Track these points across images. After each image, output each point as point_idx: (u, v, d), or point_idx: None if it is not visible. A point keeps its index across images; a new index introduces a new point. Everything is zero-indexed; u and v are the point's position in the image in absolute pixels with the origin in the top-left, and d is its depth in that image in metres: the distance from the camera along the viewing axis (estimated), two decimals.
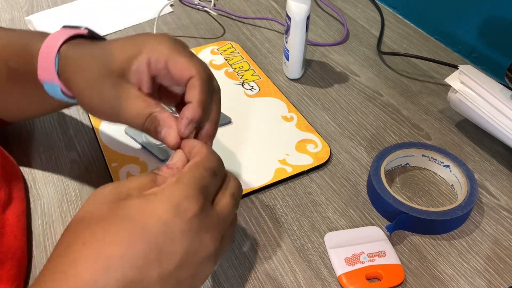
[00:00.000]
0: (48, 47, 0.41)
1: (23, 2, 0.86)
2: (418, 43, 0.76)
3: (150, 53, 0.38)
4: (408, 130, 0.61)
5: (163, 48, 0.38)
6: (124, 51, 0.39)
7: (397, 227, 0.48)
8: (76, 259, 0.30)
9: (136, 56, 0.38)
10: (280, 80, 0.69)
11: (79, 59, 0.40)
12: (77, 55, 0.41)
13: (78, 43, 0.42)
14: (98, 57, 0.40)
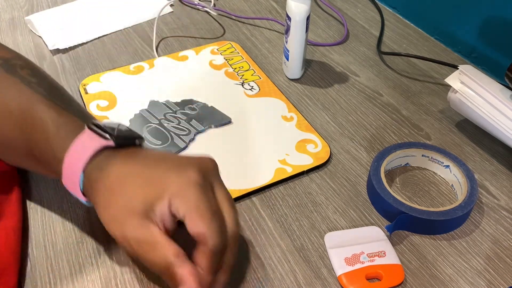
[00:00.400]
0: (73, 164, 0.40)
1: (23, 2, 0.86)
2: (418, 43, 0.76)
3: (171, 198, 0.37)
4: (408, 130, 0.61)
5: (185, 199, 0.37)
6: (147, 191, 0.38)
7: (397, 227, 0.48)
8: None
9: (159, 200, 0.38)
10: (280, 80, 0.69)
11: (102, 192, 0.39)
12: (100, 185, 0.39)
13: (103, 160, 0.40)
14: (121, 194, 0.39)
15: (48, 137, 0.41)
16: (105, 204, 0.39)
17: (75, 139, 0.40)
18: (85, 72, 0.70)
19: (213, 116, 0.61)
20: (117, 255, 0.47)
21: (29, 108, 0.43)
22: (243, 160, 0.56)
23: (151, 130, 0.59)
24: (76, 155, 0.40)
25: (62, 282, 0.45)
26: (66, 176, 0.41)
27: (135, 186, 0.38)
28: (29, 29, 0.79)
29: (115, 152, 0.41)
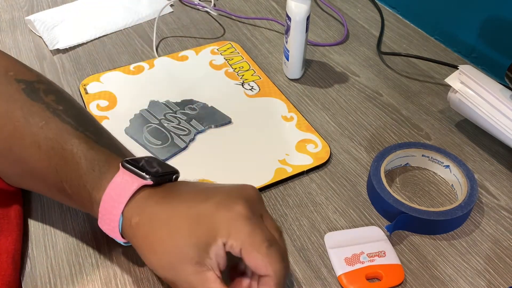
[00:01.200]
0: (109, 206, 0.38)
1: (23, 2, 0.86)
2: (418, 43, 0.76)
3: (225, 238, 0.36)
4: (408, 130, 0.61)
5: (239, 233, 0.36)
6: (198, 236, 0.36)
7: (397, 227, 0.48)
8: None
9: (212, 243, 0.36)
10: (280, 80, 0.69)
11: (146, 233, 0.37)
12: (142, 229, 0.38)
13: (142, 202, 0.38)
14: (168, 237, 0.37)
15: (81, 174, 0.39)
16: (151, 249, 0.37)
17: (112, 180, 0.39)
18: (85, 72, 0.70)
19: (213, 116, 0.61)
20: (117, 255, 0.47)
21: (58, 139, 0.41)
22: (243, 160, 0.56)
23: (151, 130, 0.59)
24: (113, 198, 0.38)
25: (62, 282, 0.45)
26: (102, 219, 0.39)
27: (183, 230, 0.36)
28: (29, 29, 0.79)
29: (153, 191, 0.39)
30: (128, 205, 0.38)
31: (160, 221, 0.37)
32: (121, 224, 0.38)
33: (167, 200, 0.38)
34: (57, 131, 0.41)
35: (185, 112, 0.62)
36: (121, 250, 0.47)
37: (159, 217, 0.37)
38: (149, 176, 0.39)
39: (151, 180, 0.39)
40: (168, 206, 0.38)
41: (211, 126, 0.60)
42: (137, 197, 0.38)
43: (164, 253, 0.37)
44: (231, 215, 0.36)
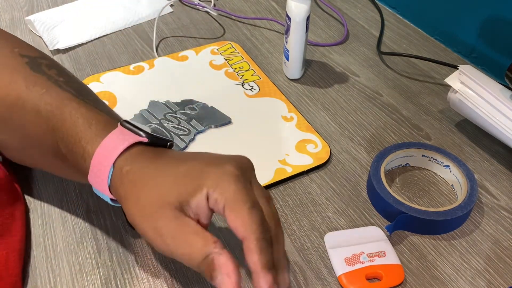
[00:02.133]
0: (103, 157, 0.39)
1: (23, 2, 0.86)
2: (418, 43, 0.76)
3: (210, 190, 0.36)
4: (408, 130, 0.61)
5: (225, 187, 0.36)
6: (183, 184, 0.36)
7: (397, 227, 0.48)
8: None
9: (196, 193, 0.36)
10: (280, 80, 0.69)
11: (133, 183, 0.38)
12: (131, 176, 0.38)
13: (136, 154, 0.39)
14: (154, 186, 0.37)
15: (78, 132, 0.40)
16: (135, 196, 0.37)
17: (108, 134, 0.39)
18: (85, 72, 0.70)
19: (213, 116, 0.61)
20: (117, 255, 0.47)
21: (58, 105, 0.42)
22: None
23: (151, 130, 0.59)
24: (108, 149, 0.39)
25: (62, 282, 0.45)
26: (93, 171, 0.39)
27: (170, 179, 0.37)
28: (29, 29, 0.79)
29: (148, 148, 0.40)
30: (121, 156, 0.38)
31: (149, 173, 0.38)
32: (110, 176, 0.39)
33: (159, 158, 0.39)
34: (57, 97, 0.42)
35: (185, 112, 0.62)
36: (121, 250, 0.47)
37: (149, 169, 0.38)
38: (145, 134, 0.40)
39: (147, 137, 0.40)
40: (159, 162, 0.39)
41: (211, 126, 0.60)
42: (131, 151, 0.39)
43: (147, 200, 0.37)
44: (220, 171, 0.36)
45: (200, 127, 0.60)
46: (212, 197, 0.36)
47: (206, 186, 0.36)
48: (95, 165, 0.39)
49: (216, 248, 0.35)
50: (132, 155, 0.39)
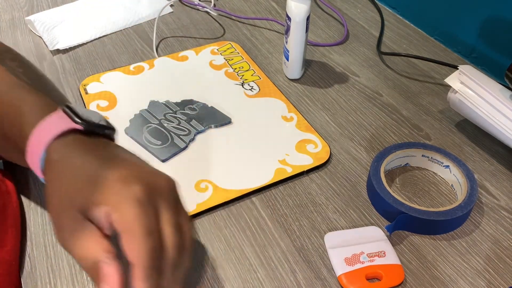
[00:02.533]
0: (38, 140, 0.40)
1: (23, 2, 0.86)
2: (418, 43, 0.76)
3: (109, 210, 0.36)
4: (408, 130, 0.61)
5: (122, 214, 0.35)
6: (90, 193, 0.37)
7: (397, 227, 0.48)
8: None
9: (97, 206, 0.36)
10: (280, 80, 0.69)
11: (57, 174, 0.39)
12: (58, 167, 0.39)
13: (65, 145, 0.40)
14: (69, 185, 0.38)
15: (21, 114, 0.42)
16: (54, 188, 0.38)
17: (45, 117, 0.40)
18: (85, 72, 0.70)
19: (213, 117, 0.61)
20: None
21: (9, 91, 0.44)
22: (243, 160, 0.56)
23: (151, 130, 0.59)
24: (42, 132, 0.40)
25: (62, 282, 0.45)
26: (29, 152, 0.40)
27: (83, 182, 0.37)
28: (29, 29, 0.79)
29: (82, 138, 0.40)
30: (53, 143, 0.39)
31: (72, 170, 0.38)
32: (43, 160, 0.40)
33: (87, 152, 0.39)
34: (11, 85, 0.44)
35: (185, 112, 0.62)
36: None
37: (72, 163, 0.39)
38: (81, 121, 0.40)
39: (82, 125, 0.40)
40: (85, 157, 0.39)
41: (211, 126, 0.60)
42: (66, 139, 0.40)
43: (60, 195, 0.38)
44: (124, 193, 0.36)
45: (200, 127, 0.60)
46: (110, 217, 0.35)
47: (107, 204, 0.36)
48: (30, 146, 0.40)
49: (107, 258, 0.35)
50: (64, 144, 0.39)
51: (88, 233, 0.36)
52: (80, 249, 0.36)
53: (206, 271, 0.46)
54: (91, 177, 0.37)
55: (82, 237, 0.36)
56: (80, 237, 0.36)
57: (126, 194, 0.36)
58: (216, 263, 0.46)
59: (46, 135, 0.39)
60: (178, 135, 0.59)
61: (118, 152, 0.41)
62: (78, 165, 0.39)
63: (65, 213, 0.37)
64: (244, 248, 0.48)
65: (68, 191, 0.37)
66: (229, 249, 0.48)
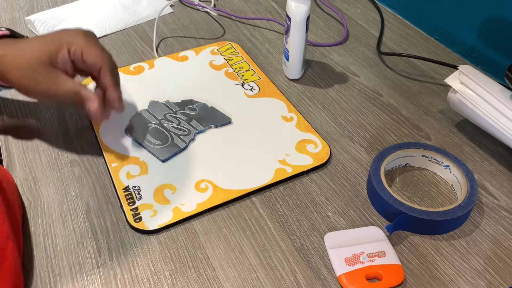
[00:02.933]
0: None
1: (24, 2, 0.86)
2: (418, 44, 0.76)
3: (69, 45, 0.52)
4: (408, 131, 0.61)
5: (78, 41, 0.52)
6: (49, 46, 0.51)
7: (397, 227, 0.48)
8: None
9: (60, 49, 0.51)
10: (280, 81, 0.69)
11: (11, 57, 0.51)
12: (8, 54, 0.51)
13: (4, 43, 0.52)
14: (29, 54, 0.51)
15: None
16: (15, 66, 0.51)
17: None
18: None
19: (213, 117, 0.61)
20: (117, 255, 0.47)
21: None
22: (243, 160, 0.56)
23: (151, 130, 0.59)
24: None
25: (62, 282, 0.45)
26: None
27: (38, 48, 0.51)
28: (30, 29, 0.79)
29: (12, 39, 0.54)
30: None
31: (20, 49, 0.52)
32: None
33: (26, 41, 0.54)
34: None
35: (185, 112, 0.62)
36: (121, 250, 0.47)
37: (19, 47, 0.52)
38: (4, 29, 0.55)
39: (7, 30, 0.55)
40: (27, 42, 0.53)
41: (211, 126, 0.60)
42: (0, 41, 0.52)
43: (25, 65, 0.51)
44: (72, 33, 0.53)
45: (200, 127, 0.60)
46: (71, 50, 0.52)
47: (65, 44, 0.52)
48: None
49: (82, 87, 0.52)
50: (2, 44, 0.52)
51: (62, 77, 0.52)
52: (63, 89, 0.52)
53: (206, 271, 0.46)
54: (45, 41, 0.52)
55: (59, 81, 0.52)
56: (57, 82, 0.52)
57: (74, 33, 0.53)
58: (216, 263, 0.46)
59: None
60: (178, 135, 0.59)
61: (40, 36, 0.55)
62: (28, 41, 0.53)
63: (40, 72, 0.51)
64: (244, 248, 0.48)
65: (32, 55, 0.51)
66: (229, 249, 0.48)
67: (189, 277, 0.45)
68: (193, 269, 0.46)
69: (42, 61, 0.51)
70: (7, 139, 0.59)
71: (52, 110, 0.63)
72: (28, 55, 0.51)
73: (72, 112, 0.63)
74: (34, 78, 0.51)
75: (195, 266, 0.46)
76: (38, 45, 0.52)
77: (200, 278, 0.45)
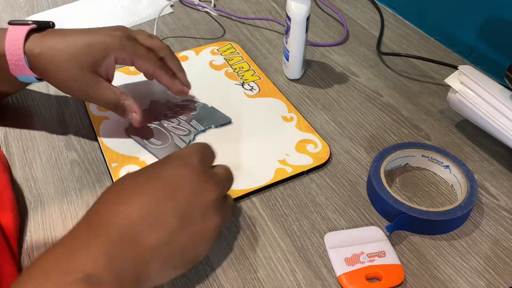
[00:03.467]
0: (12, 46, 0.50)
1: (24, 2, 0.86)
2: (417, 44, 0.76)
3: (117, 53, 0.52)
4: (408, 131, 0.61)
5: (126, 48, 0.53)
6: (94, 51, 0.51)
7: (397, 227, 0.48)
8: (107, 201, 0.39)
9: (105, 56, 0.52)
10: (280, 81, 0.69)
11: (50, 56, 0.51)
12: (45, 53, 0.51)
13: (37, 39, 0.51)
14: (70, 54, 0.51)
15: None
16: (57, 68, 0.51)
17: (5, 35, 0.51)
18: None
19: (213, 117, 0.61)
20: None
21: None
22: (243, 160, 0.56)
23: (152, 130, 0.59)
24: (12, 43, 0.50)
25: None
26: (12, 63, 0.51)
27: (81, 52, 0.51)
28: None
29: (43, 32, 0.52)
30: (26, 43, 0.51)
31: (60, 49, 0.51)
32: (27, 61, 0.51)
33: (59, 36, 0.52)
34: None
35: (185, 112, 0.62)
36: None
37: (57, 45, 0.51)
38: (32, 22, 0.52)
39: (34, 23, 0.52)
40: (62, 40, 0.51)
41: (211, 126, 0.60)
42: (32, 37, 0.51)
43: (67, 68, 0.51)
44: (117, 38, 0.52)
45: (200, 127, 0.60)
46: (119, 58, 0.53)
47: (112, 51, 0.52)
48: (10, 59, 0.51)
49: (123, 96, 0.53)
50: (35, 40, 0.51)
51: (104, 85, 0.52)
52: (104, 97, 0.53)
53: (206, 271, 0.46)
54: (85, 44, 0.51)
55: (102, 89, 0.52)
56: (99, 89, 0.52)
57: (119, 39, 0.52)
58: (216, 263, 0.46)
59: (17, 42, 0.50)
60: (178, 135, 0.59)
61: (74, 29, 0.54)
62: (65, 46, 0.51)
63: (80, 76, 0.51)
64: (244, 248, 0.48)
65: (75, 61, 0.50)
66: (229, 249, 0.48)
67: (189, 277, 0.45)
68: (193, 269, 0.46)
69: (84, 66, 0.51)
70: (7, 139, 0.59)
71: (52, 110, 0.63)
72: (69, 56, 0.50)
73: (72, 112, 0.63)
74: (75, 81, 0.51)
75: (195, 266, 0.46)
76: (80, 46, 0.51)
77: (200, 278, 0.45)
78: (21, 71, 0.52)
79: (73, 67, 0.51)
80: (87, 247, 0.34)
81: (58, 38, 0.51)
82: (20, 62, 0.51)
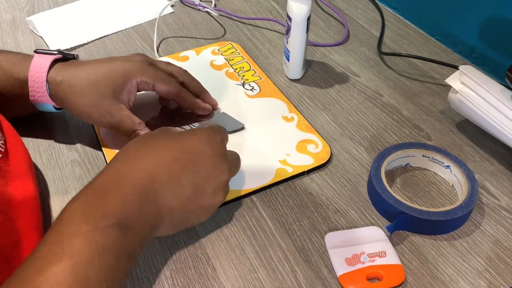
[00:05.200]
0: (36, 73, 0.51)
1: (24, 2, 0.86)
2: (418, 44, 0.76)
3: (138, 79, 0.53)
4: (409, 131, 0.61)
5: (147, 75, 0.54)
6: (115, 78, 0.52)
7: (398, 227, 0.48)
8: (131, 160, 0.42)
9: (126, 82, 0.52)
10: (280, 81, 0.69)
11: (70, 83, 0.51)
12: (67, 80, 0.51)
13: (60, 68, 0.52)
14: (91, 83, 0.51)
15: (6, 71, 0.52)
16: (77, 95, 0.51)
17: (31, 61, 0.51)
18: None
19: (225, 122, 0.60)
20: None
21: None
22: (244, 161, 0.56)
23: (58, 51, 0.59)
24: (36, 70, 0.51)
25: None
26: (33, 89, 0.51)
27: (102, 79, 0.51)
28: (30, 29, 0.79)
29: (67, 62, 0.53)
30: (50, 72, 0.51)
31: (81, 76, 0.52)
32: (48, 89, 0.52)
33: (81, 65, 0.53)
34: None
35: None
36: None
37: (79, 74, 0.52)
38: (56, 52, 0.53)
39: (59, 53, 0.53)
40: (84, 68, 0.52)
41: None
42: (55, 66, 0.52)
43: (88, 94, 0.51)
44: (138, 64, 0.54)
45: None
46: (141, 82, 0.53)
47: (134, 77, 0.53)
48: (32, 86, 0.51)
49: (140, 126, 0.53)
50: (58, 69, 0.52)
51: (124, 113, 0.52)
52: (122, 126, 0.53)
53: (207, 271, 0.46)
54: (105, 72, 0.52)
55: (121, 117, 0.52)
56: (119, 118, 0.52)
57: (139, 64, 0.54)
58: (217, 263, 0.46)
59: (41, 70, 0.51)
60: None
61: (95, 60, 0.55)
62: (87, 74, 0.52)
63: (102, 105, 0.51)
64: (245, 248, 0.48)
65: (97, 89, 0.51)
66: (230, 249, 0.48)
67: (189, 277, 0.45)
68: (193, 269, 0.46)
69: (105, 92, 0.51)
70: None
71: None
72: (90, 82, 0.51)
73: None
74: (95, 106, 0.51)
75: (195, 266, 0.46)
76: (101, 73, 0.52)
77: (201, 278, 0.45)
78: (41, 98, 0.52)
79: (94, 92, 0.51)
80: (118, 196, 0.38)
81: (80, 67, 0.52)
82: (41, 89, 0.51)
